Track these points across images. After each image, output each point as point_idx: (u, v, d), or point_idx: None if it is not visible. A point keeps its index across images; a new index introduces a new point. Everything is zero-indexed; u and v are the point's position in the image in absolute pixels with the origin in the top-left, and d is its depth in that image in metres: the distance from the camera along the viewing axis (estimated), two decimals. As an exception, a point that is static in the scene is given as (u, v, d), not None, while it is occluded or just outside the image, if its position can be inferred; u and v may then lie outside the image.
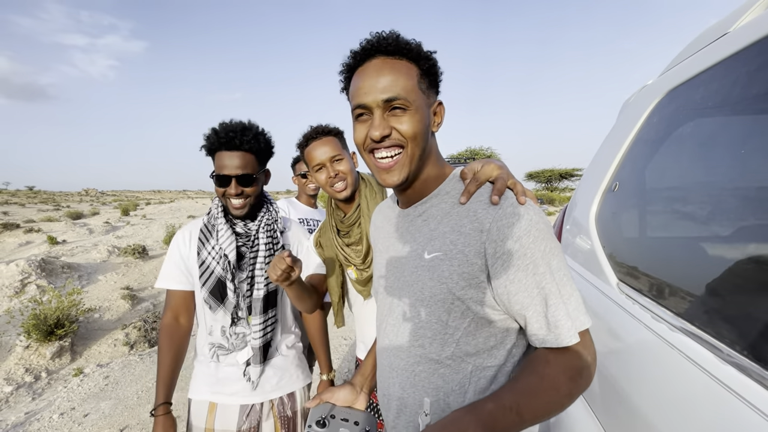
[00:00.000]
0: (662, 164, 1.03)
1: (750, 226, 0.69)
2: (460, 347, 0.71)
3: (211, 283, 1.24)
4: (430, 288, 0.72)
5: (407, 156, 0.72)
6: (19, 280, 5.86)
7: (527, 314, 0.66)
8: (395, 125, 0.71)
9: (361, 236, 1.28)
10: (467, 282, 0.68)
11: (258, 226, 1.29)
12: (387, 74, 0.70)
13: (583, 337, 0.65)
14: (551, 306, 0.64)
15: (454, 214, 0.72)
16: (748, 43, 0.75)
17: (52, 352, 3.97)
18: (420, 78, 0.73)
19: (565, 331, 0.64)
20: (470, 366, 0.71)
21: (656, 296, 0.85)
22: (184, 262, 1.28)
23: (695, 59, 0.95)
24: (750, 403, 0.53)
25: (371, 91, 0.70)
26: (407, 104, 0.70)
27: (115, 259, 7.86)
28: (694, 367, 0.65)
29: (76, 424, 2.85)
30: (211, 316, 1.27)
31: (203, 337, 1.31)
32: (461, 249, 0.69)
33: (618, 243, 1.12)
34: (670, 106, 1.04)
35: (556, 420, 1.07)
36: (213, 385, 1.28)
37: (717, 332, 0.65)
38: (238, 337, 1.28)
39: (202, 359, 1.32)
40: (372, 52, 0.72)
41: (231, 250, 1.24)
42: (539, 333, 0.66)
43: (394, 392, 0.79)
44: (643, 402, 0.75)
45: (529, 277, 0.65)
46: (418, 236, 0.77)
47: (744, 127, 0.77)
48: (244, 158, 1.19)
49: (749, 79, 0.74)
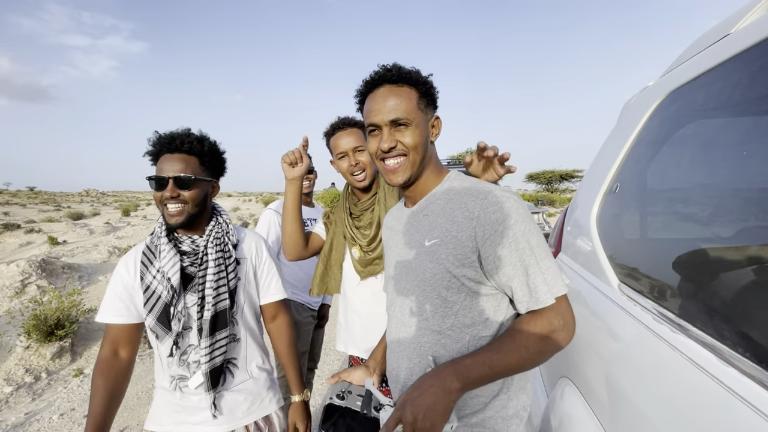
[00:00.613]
0: (663, 166, 1.03)
1: (752, 227, 0.69)
2: (459, 319, 0.85)
3: (157, 309, 1.14)
4: (431, 269, 0.86)
5: (409, 162, 0.90)
6: (19, 280, 5.86)
7: (512, 284, 0.80)
8: (399, 138, 0.88)
9: (371, 222, 1.39)
10: (461, 262, 0.82)
11: (206, 241, 1.19)
12: (392, 99, 0.88)
13: (559, 303, 0.79)
14: (531, 275, 0.78)
15: (449, 208, 0.87)
16: (750, 45, 0.74)
17: (52, 352, 3.97)
18: (419, 99, 0.91)
19: (543, 294, 0.77)
20: (468, 336, 0.84)
21: (658, 298, 0.85)
22: (128, 292, 1.17)
23: (697, 60, 0.95)
24: (752, 404, 0.53)
25: (380, 113, 0.89)
26: (409, 122, 0.88)
27: (115, 259, 7.86)
28: (695, 369, 0.64)
29: (76, 424, 2.85)
30: (163, 345, 1.17)
31: (160, 369, 1.21)
32: (455, 235, 0.83)
33: (619, 244, 1.11)
34: (672, 108, 1.04)
35: (557, 422, 1.07)
36: (178, 414, 1.19)
37: (719, 334, 0.65)
38: (197, 364, 1.17)
39: (162, 390, 1.21)
40: (380, 82, 0.91)
41: (174, 273, 1.14)
42: (523, 299, 0.80)
43: (402, 364, 0.92)
44: (645, 403, 0.75)
45: (513, 252, 0.78)
46: (421, 229, 0.91)
47: (746, 128, 0.76)
48: (183, 160, 1.14)
49: (751, 81, 0.73)
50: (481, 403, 0.85)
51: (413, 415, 0.72)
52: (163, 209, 1.14)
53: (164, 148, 1.15)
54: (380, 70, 0.91)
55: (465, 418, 0.86)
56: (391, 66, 0.91)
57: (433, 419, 0.72)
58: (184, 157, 1.15)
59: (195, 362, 1.17)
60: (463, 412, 0.86)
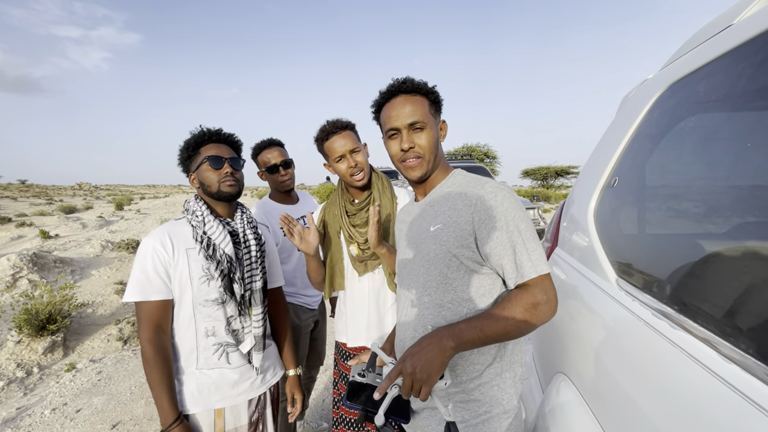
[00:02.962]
0: (663, 159, 1.01)
1: (752, 222, 0.68)
2: (458, 293, 0.98)
3: (221, 277, 1.27)
4: (434, 251, 1.00)
5: (425, 161, 1.05)
6: (10, 274, 5.78)
7: (503, 262, 0.93)
8: (416, 141, 1.04)
9: (367, 220, 1.45)
10: (460, 243, 0.96)
11: (243, 224, 1.38)
12: (408, 106, 1.04)
13: (542, 281, 0.90)
14: (518, 253, 0.91)
15: (451, 198, 1.02)
16: (753, 35, 0.73)
17: (44, 347, 3.93)
18: (430, 106, 1.07)
19: (527, 269, 0.90)
20: (465, 309, 0.97)
21: (656, 293, 0.84)
22: (165, 269, 1.23)
23: (698, 52, 0.93)
24: (752, 400, 0.52)
25: (399, 118, 1.04)
26: (424, 125, 1.04)
27: (108, 253, 7.78)
28: (695, 365, 0.63)
29: (68, 419, 2.82)
30: (213, 314, 1.26)
31: (200, 343, 1.27)
32: (455, 220, 0.97)
33: (617, 239, 1.10)
34: (672, 100, 1.03)
35: (553, 418, 1.06)
36: (214, 394, 1.27)
37: (719, 329, 0.64)
38: (243, 330, 1.32)
39: (195, 369, 1.27)
40: (396, 92, 1.07)
41: (227, 244, 1.29)
42: (511, 275, 0.92)
43: (408, 334, 1.05)
44: (643, 399, 0.74)
45: (503, 234, 0.92)
46: (427, 217, 1.06)
47: (747, 121, 0.75)
48: (230, 149, 1.38)
49: (754, 72, 0.72)
50: (477, 371, 0.98)
51: (412, 367, 0.83)
52: (219, 185, 1.31)
53: (212, 139, 1.35)
54: (396, 83, 1.07)
55: (463, 383, 0.98)
56: (405, 79, 1.07)
57: (429, 371, 0.82)
58: (229, 148, 1.38)
59: (242, 328, 1.32)
60: (461, 378, 0.98)
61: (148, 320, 1.20)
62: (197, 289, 1.25)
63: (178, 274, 1.24)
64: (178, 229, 1.29)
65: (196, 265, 1.25)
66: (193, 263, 1.25)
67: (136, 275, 1.21)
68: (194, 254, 1.26)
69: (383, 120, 1.09)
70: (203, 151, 1.32)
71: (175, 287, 1.24)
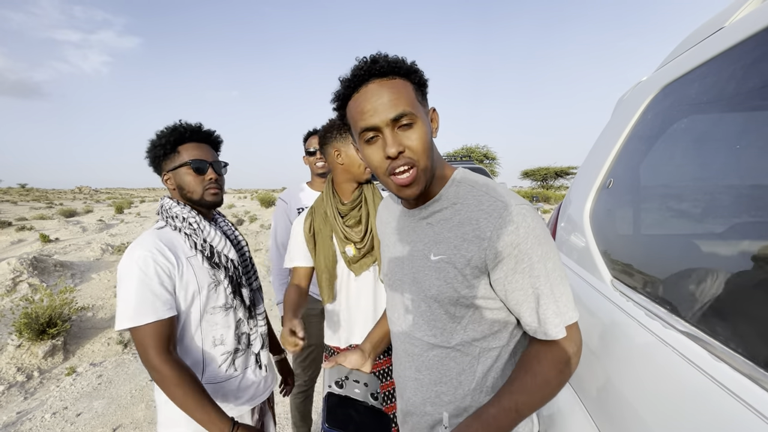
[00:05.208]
0: (657, 161, 1.02)
1: (745, 223, 0.69)
2: (468, 334, 0.80)
3: (230, 284, 1.23)
4: (437, 287, 0.80)
5: (420, 170, 0.76)
6: (10, 278, 5.78)
7: (521, 310, 0.75)
8: (405, 143, 0.74)
9: (360, 219, 1.45)
10: (470, 282, 0.77)
11: (227, 225, 1.37)
12: (388, 94, 0.73)
13: (570, 331, 0.74)
14: (542, 305, 0.73)
15: (457, 221, 0.78)
16: (744, 38, 0.74)
17: (44, 351, 3.93)
18: (415, 91, 0.77)
19: (553, 327, 0.73)
20: (477, 349, 0.80)
21: (650, 293, 0.84)
22: (172, 281, 1.12)
23: (691, 54, 0.94)
24: (744, 401, 0.53)
25: (377, 112, 0.73)
26: (413, 118, 0.74)
27: (108, 257, 7.79)
28: (688, 365, 0.64)
29: (68, 423, 2.82)
30: (221, 321, 1.21)
31: (206, 355, 1.20)
32: (464, 254, 0.76)
33: (612, 240, 1.11)
34: (665, 102, 1.04)
35: (550, 420, 1.07)
36: (222, 406, 1.19)
37: (711, 330, 0.65)
38: (251, 331, 1.31)
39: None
40: (365, 78, 0.75)
41: (228, 249, 1.25)
42: (531, 326, 0.75)
43: (409, 374, 0.89)
44: (637, 400, 0.74)
45: (525, 278, 0.72)
46: (424, 238, 0.83)
47: (739, 122, 0.76)
48: (211, 150, 1.28)
49: (745, 74, 0.73)
50: None
51: None
52: (203, 192, 1.22)
53: (192, 138, 1.24)
54: (364, 64, 0.75)
55: None
56: (377, 56, 0.75)
57: None
58: (210, 148, 1.28)
59: (251, 330, 1.30)
60: None
61: (158, 341, 1.06)
62: (206, 297, 1.18)
63: (184, 285, 1.14)
64: (168, 237, 1.17)
65: (202, 274, 1.18)
66: (199, 272, 1.17)
67: (140, 294, 1.05)
68: (196, 263, 1.18)
69: (353, 118, 0.78)
70: (183, 151, 1.20)
71: (181, 299, 1.14)
